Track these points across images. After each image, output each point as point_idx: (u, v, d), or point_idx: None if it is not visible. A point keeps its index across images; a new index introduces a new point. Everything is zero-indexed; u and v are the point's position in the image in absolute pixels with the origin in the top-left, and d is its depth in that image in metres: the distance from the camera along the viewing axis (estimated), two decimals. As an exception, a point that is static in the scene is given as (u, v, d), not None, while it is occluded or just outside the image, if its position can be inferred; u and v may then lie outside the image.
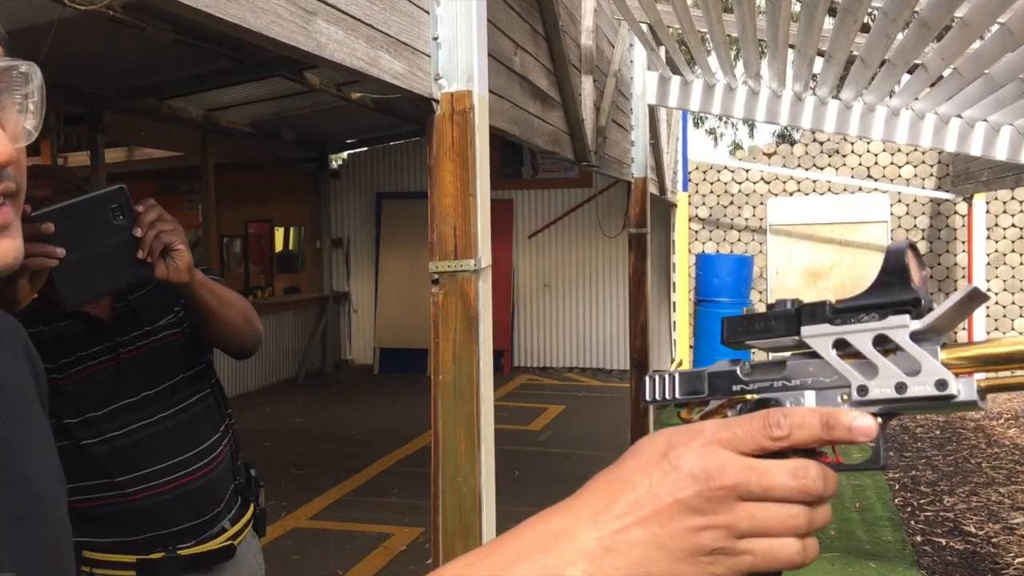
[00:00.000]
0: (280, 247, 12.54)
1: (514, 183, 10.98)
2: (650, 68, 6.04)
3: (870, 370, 0.58)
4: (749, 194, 10.74)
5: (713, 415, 0.64)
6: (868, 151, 10.39)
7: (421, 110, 2.31)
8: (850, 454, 0.58)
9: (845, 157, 10.47)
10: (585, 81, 4.33)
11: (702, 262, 10.07)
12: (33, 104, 0.72)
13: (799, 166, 10.57)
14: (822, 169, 10.49)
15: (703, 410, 0.65)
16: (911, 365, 0.56)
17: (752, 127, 20.03)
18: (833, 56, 4.64)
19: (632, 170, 6.05)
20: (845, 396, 0.58)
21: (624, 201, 6.75)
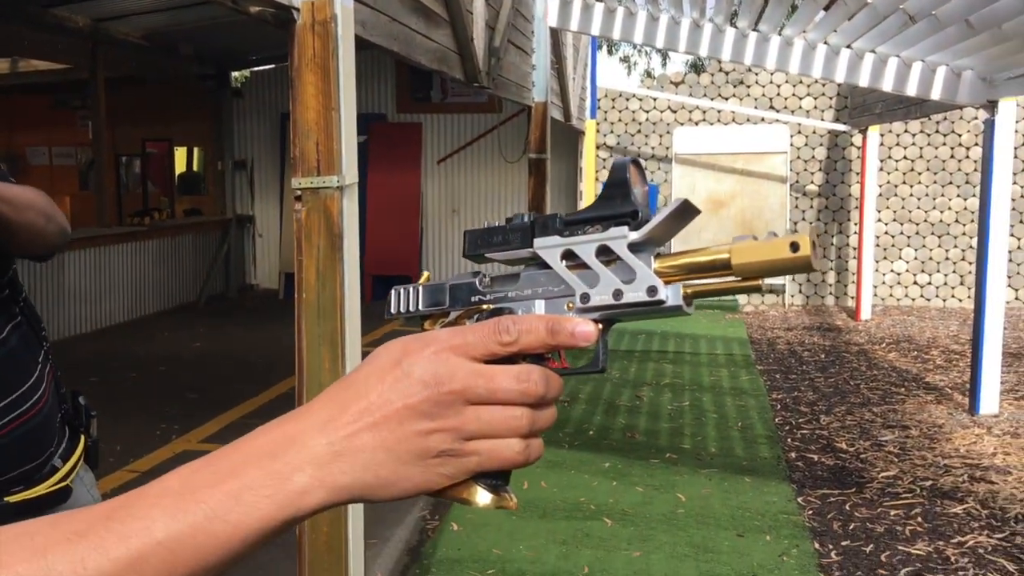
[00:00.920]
0: (182, 168, 12.14)
1: (423, 106, 10.83)
2: (552, -10, 5.97)
3: (593, 279, 0.60)
4: (656, 123, 10.82)
5: (453, 325, 0.66)
6: (771, 82, 10.54)
7: (282, 20, 2.25)
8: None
9: (749, 88, 10.61)
10: (477, -1, 4.26)
11: (608, 190, 10.14)
12: None
13: (705, 95, 10.68)
14: (727, 99, 10.62)
15: (444, 321, 0.67)
16: (628, 274, 0.59)
17: (665, 56, 20.07)
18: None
19: (533, 94, 6.02)
20: (571, 304, 0.61)
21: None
